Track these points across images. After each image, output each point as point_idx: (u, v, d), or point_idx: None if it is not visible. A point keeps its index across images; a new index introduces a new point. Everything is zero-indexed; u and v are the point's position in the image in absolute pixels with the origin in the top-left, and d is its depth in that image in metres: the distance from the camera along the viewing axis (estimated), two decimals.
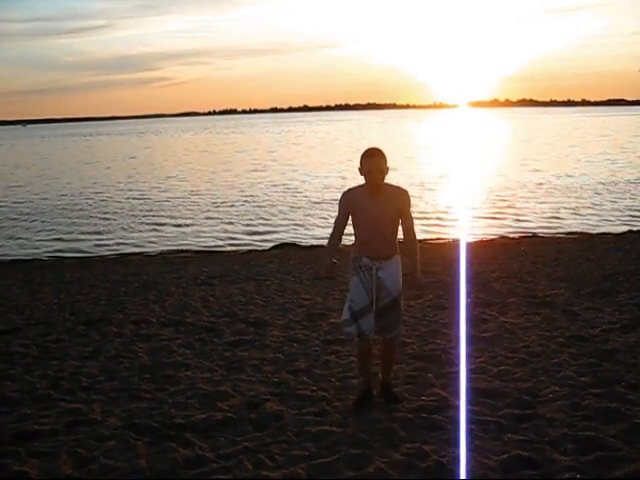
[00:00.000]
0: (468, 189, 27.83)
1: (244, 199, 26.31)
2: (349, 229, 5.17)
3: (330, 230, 5.24)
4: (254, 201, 25.76)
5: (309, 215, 22.03)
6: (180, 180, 34.27)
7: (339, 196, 5.21)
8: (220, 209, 24.06)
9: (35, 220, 23.04)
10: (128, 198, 27.81)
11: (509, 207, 22.31)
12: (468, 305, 8.34)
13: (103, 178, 36.79)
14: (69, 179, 37.26)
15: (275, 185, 30.64)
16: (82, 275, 13.29)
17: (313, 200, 25.26)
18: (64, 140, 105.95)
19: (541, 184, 27.86)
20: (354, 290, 5.14)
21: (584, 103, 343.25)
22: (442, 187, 28.12)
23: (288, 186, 30.01)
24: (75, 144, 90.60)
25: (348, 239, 5.23)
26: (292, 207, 23.92)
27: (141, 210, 24.40)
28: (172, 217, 22.61)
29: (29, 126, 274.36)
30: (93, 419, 5.26)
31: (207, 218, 22.24)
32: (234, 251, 17.17)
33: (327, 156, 45.98)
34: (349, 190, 5.18)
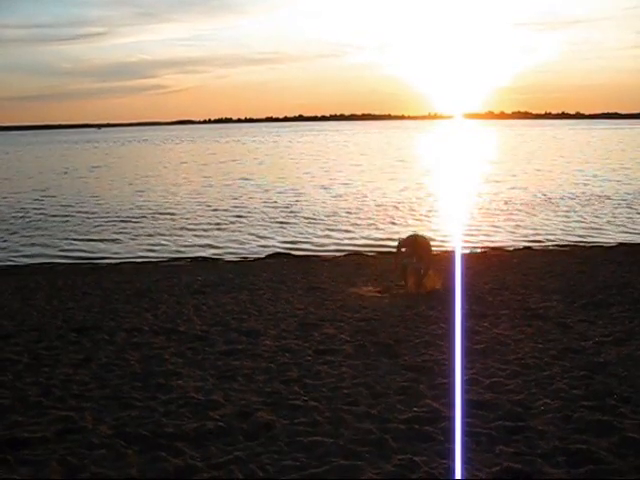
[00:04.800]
0: (461, 202, 27.90)
1: (237, 209, 26.29)
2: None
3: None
4: (247, 211, 25.74)
5: (303, 225, 22.01)
6: (172, 190, 34.20)
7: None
8: (213, 218, 24.02)
9: (28, 227, 22.96)
10: (120, 207, 27.74)
11: (502, 219, 22.38)
12: (461, 317, 8.35)
13: (91, 187, 36.64)
14: (56, 186, 36.98)
15: (266, 195, 30.62)
16: (75, 282, 13.25)
17: (307, 210, 25.26)
18: (46, 147, 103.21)
19: (533, 197, 27.95)
20: None
21: (578, 116, 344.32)
22: (435, 200, 28.18)
23: (280, 196, 30.00)
24: (54, 151, 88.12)
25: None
26: (285, 217, 23.90)
27: (134, 218, 24.34)
28: (165, 226, 22.56)
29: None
30: (84, 427, 5.23)
31: (201, 226, 22.20)
32: (228, 260, 17.14)
33: (315, 168, 46.00)
34: None
